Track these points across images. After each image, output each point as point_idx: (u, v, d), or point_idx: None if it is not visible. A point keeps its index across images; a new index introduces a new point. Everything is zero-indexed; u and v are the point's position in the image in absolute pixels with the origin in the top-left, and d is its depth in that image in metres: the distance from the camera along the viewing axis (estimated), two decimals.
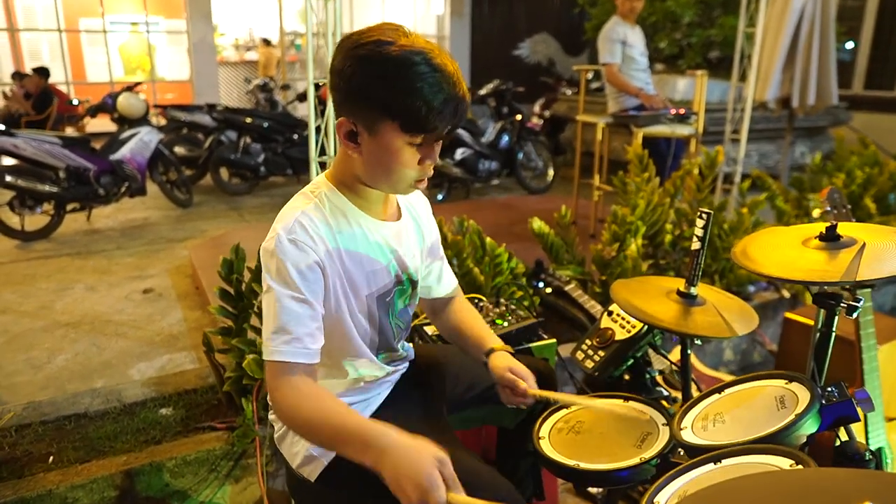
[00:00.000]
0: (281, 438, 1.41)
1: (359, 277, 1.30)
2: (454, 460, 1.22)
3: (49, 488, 1.80)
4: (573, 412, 1.49)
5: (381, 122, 1.16)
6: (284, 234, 1.19)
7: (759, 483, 0.79)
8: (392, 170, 1.21)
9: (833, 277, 1.10)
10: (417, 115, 1.13)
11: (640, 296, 1.53)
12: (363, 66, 1.14)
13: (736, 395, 1.24)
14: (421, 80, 1.11)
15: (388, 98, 1.13)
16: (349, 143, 1.22)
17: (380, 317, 1.37)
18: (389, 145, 1.18)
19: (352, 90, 1.17)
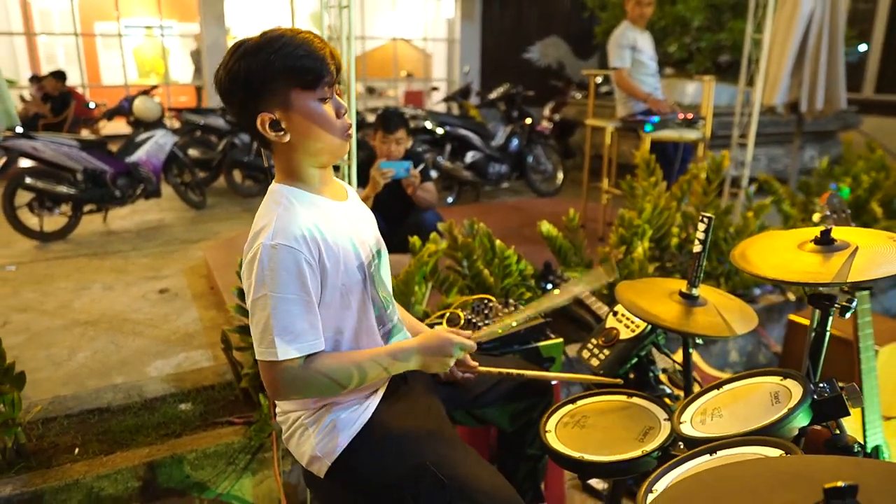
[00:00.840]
0: (289, 438, 1.48)
1: (347, 252, 1.37)
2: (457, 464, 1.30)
3: (76, 478, 1.88)
4: (578, 407, 1.56)
5: (286, 95, 1.30)
6: (268, 241, 1.26)
7: (746, 468, 0.85)
8: (321, 128, 1.33)
9: (825, 279, 1.16)
10: (306, 69, 1.28)
11: (644, 296, 1.59)
12: (247, 59, 1.30)
13: (734, 391, 1.30)
14: (292, 46, 1.28)
15: (279, 71, 1.28)
16: (276, 132, 1.32)
17: (370, 286, 1.43)
18: (306, 109, 1.31)
19: (251, 83, 1.30)
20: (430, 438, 1.40)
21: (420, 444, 1.37)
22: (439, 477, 1.30)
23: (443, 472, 1.30)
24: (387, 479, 1.36)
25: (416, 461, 1.33)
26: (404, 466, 1.34)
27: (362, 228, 1.47)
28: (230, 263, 4.16)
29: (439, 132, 6.44)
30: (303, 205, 1.35)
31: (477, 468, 1.35)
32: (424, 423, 1.44)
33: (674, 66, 7.81)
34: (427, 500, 1.30)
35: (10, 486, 1.83)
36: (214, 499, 2.10)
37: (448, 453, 1.37)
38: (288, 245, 1.26)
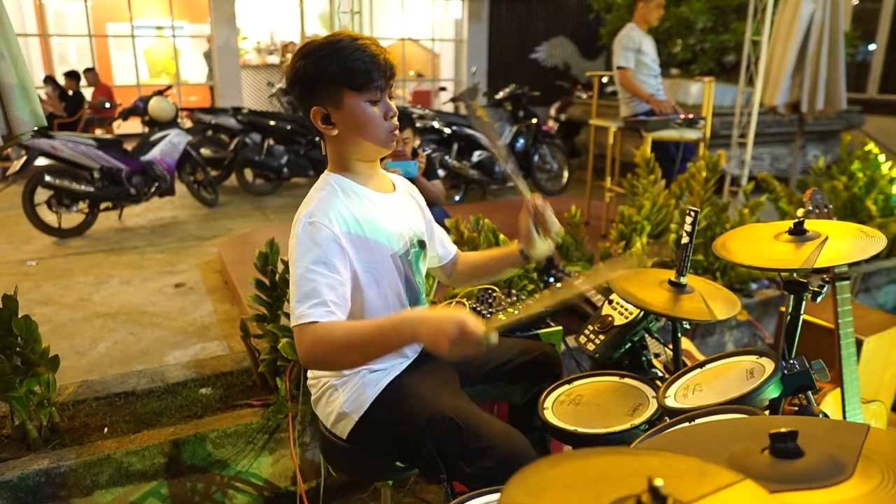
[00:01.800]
0: (317, 401, 1.62)
1: (381, 240, 1.52)
2: (472, 415, 1.43)
3: (107, 453, 2.02)
4: (574, 388, 1.68)
5: (339, 95, 1.43)
6: (306, 219, 1.43)
7: (712, 427, 0.97)
8: (367, 127, 1.46)
9: (794, 265, 1.27)
10: (358, 71, 1.41)
11: (636, 285, 1.71)
12: (308, 59, 1.44)
13: (714, 369, 1.42)
14: (349, 50, 1.41)
15: (336, 71, 1.41)
16: (327, 125, 1.47)
17: (406, 273, 1.59)
18: (354, 109, 1.44)
19: (308, 81, 1.45)
20: (448, 395, 1.55)
21: (439, 399, 1.51)
22: (457, 422, 1.42)
23: (459, 418, 1.43)
24: (409, 428, 1.49)
25: (435, 411, 1.47)
26: (425, 416, 1.47)
27: (404, 220, 1.61)
28: (244, 259, 4.31)
29: (447, 132, 6.57)
30: (345, 192, 1.51)
31: (488, 419, 1.48)
32: (443, 386, 1.59)
33: (678, 67, 7.91)
34: (446, 443, 1.42)
35: (46, 459, 1.97)
36: (234, 476, 2.23)
37: (464, 406, 1.51)
38: (321, 223, 1.41)
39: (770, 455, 0.81)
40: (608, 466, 0.74)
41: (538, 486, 0.70)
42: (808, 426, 0.89)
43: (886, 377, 2.64)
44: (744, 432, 0.92)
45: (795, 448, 0.80)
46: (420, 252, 1.66)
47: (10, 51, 2.64)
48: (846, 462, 0.78)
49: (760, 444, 0.85)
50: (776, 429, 0.82)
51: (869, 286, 3.89)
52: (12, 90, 2.66)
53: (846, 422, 1.16)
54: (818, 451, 0.81)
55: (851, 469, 0.77)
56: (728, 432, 0.93)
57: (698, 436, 0.94)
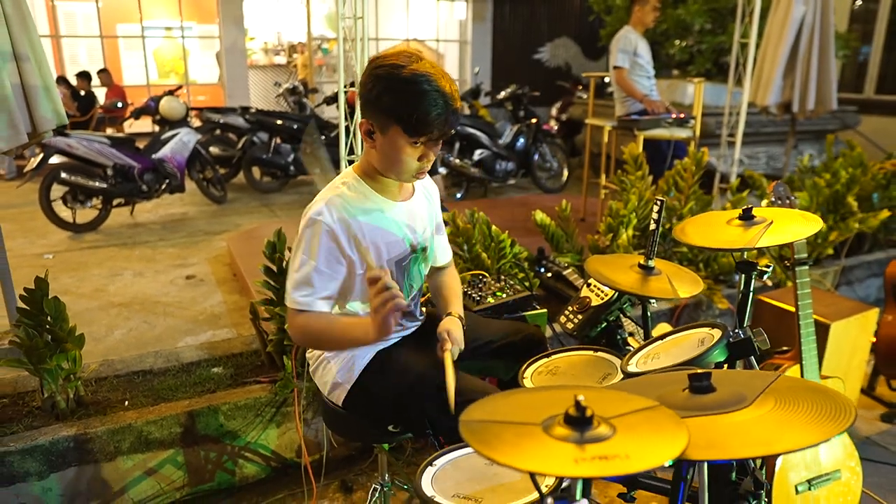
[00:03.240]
0: (315, 371, 1.80)
1: (380, 246, 1.67)
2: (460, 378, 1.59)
3: (129, 423, 2.21)
4: (552, 360, 1.86)
5: (389, 126, 1.52)
6: (315, 214, 1.57)
7: (655, 377, 1.15)
8: (397, 162, 1.57)
9: (738, 245, 1.45)
10: (416, 123, 1.48)
11: (609, 267, 1.88)
12: (379, 81, 1.50)
13: (672, 340, 1.59)
14: (422, 96, 1.46)
15: (395, 108, 1.49)
16: (367, 138, 1.59)
17: (397, 278, 1.74)
18: (395, 143, 1.54)
19: (370, 99, 1.52)
20: (431, 361, 1.68)
21: (422, 362, 1.68)
22: (437, 381, 1.56)
23: (440, 377, 1.57)
24: (396, 391, 1.66)
25: (418, 372, 1.65)
26: (409, 377, 1.65)
27: (411, 228, 1.74)
28: (251, 252, 4.50)
29: None
30: (359, 195, 1.64)
31: (470, 377, 1.66)
32: (427, 354, 1.73)
33: (676, 68, 8.06)
34: (428, 401, 1.59)
35: (74, 427, 2.17)
36: (244, 446, 2.42)
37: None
38: (326, 222, 1.56)
39: (689, 392, 0.99)
40: (549, 397, 0.92)
41: (492, 408, 0.88)
42: (727, 375, 1.07)
43: (854, 362, 2.81)
44: (675, 380, 1.10)
45: (708, 385, 0.97)
46: (419, 257, 1.79)
47: (34, 53, 2.84)
48: (749, 396, 0.96)
49: (684, 386, 1.02)
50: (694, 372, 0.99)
51: (851, 279, 4.04)
52: (37, 90, 2.86)
53: (760, 371, 1.33)
54: (728, 390, 0.99)
55: (752, 400, 0.94)
56: (663, 381, 1.11)
57: (638, 383, 1.12)
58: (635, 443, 0.76)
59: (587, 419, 0.77)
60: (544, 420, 0.81)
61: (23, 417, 2.26)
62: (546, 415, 0.83)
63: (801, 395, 0.93)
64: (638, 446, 0.75)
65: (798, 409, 0.89)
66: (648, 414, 0.85)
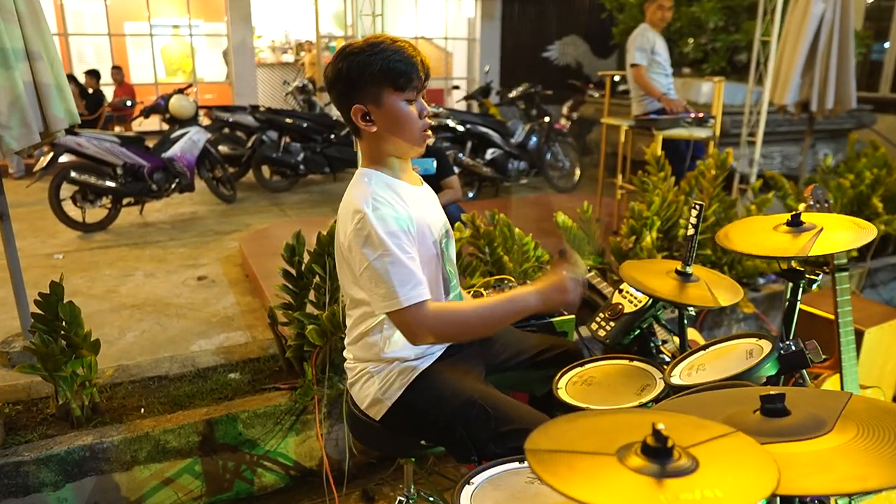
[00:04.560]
0: (353, 383, 1.74)
1: (425, 229, 1.62)
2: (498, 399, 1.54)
3: (146, 431, 2.15)
4: (586, 370, 1.79)
5: (379, 93, 1.53)
6: (370, 211, 1.50)
7: (710, 395, 1.08)
8: (403, 124, 1.57)
9: (790, 253, 1.38)
10: (400, 72, 1.52)
11: (645, 274, 1.82)
12: (355, 58, 1.53)
13: (717, 350, 1.53)
14: (390, 52, 1.52)
15: (376, 71, 1.51)
16: (366, 122, 1.56)
17: (441, 260, 1.70)
18: (393, 107, 1.54)
19: (353, 80, 1.54)
20: (475, 383, 1.66)
21: (467, 386, 1.63)
22: (485, 407, 1.55)
23: (488, 404, 1.56)
24: (440, 413, 1.61)
25: (465, 397, 1.59)
26: (455, 402, 1.60)
27: (434, 211, 1.73)
28: (263, 253, 4.45)
29: (460, 130, 6.68)
30: (387, 185, 1.60)
31: (517, 404, 1.61)
32: (470, 375, 1.71)
33: (689, 66, 7.97)
34: (475, 426, 1.55)
35: (90, 436, 2.11)
36: (263, 455, 2.36)
37: (490, 392, 1.64)
38: (387, 211, 1.51)
39: (760, 414, 0.92)
40: (618, 421, 0.86)
41: (558, 435, 0.81)
42: (796, 393, 1.00)
43: (888, 367, 2.73)
44: (739, 398, 1.03)
45: (783, 408, 0.91)
46: (448, 240, 1.77)
47: (47, 52, 2.78)
48: (827, 420, 0.89)
49: (753, 406, 0.96)
50: (765, 391, 0.93)
51: (875, 282, 3.97)
52: (49, 89, 2.81)
53: (830, 390, 1.27)
54: (803, 412, 0.92)
55: (831, 425, 0.88)
56: (725, 399, 1.04)
57: (697, 402, 1.06)
58: (722, 478, 0.70)
59: (667, 450, 0.71)
60: (619, 449, 0.75)
61: (37, 425, 2.21)
62: (619, 442, 0.77)
63: (882, 421, 0.87)
64: (726, 483, 0.69)
65: (884, 437, 0.83)
66: (727, 442, 0.78)
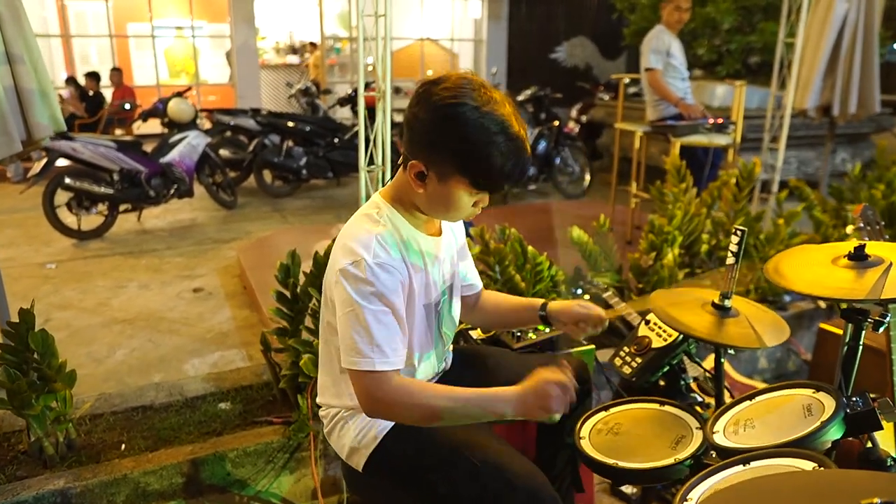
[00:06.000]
0: (330, 432, 1.54)
1: (418, 289, 1.42)
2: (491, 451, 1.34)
3: (124, 473, 1.96)
4: (611, 415, 1.59)
5: (452, 175, 1.29)
6: (371, 259, 1.30)
7: (781, 481, 0.88)
8: (451, 210, 1.37)
9: (859, 295, 1.18)
10: (488, 178, 1.28)
11: (678, 306, 1.62)
12: (444, 124, 1.25)
13: (766, 402, 1.33)
14: (497, 150, 1.24)
15: (465, 160, 1.26)
16: (417, 181, 1.34)
17: (431, 324, 1.50)
18: (453, 194, 1.32)
19: (431, 142, 1.29)
20: (464, 430, 1.44)
21: (454, 434, 1.42)
22: (473, 462, 1.34)
23: (476, 457, 1.35)
24: (422, 465, 1.41)
25: (450, 448, 1.39)
26: (439, 453, 1.39)
27: (442, 265, 1.51)
28: (262, 264, 4.26)
29: None
30: (400, 234, 1.40)
31: (509, 456, 1.40)
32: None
33: (703, 68, 7.76)
34: (461, 484, 1.35)
35: (62, 479, 1.92)
36: (254, 496, 2.17)
37: (481, 441, 1.42)
38: (390, 265, 1.32)
39: None
40: None
41: None
42: None
43: None
44: (820, 491, 0.83)
45: None
46: (450, 299, 1.57)
47: (30, 55, 2.60)
48: None
49: None
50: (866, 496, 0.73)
51: None
52: (32, 95, 2.63)
53: None
54: None
55: None
56: (802, 490, 0.84)
57: (767, 493, 0.86)
58: None
59: None
60: None
61: (7, 464, 2.02)
62: None
63: None
64: None
65: None
66: None
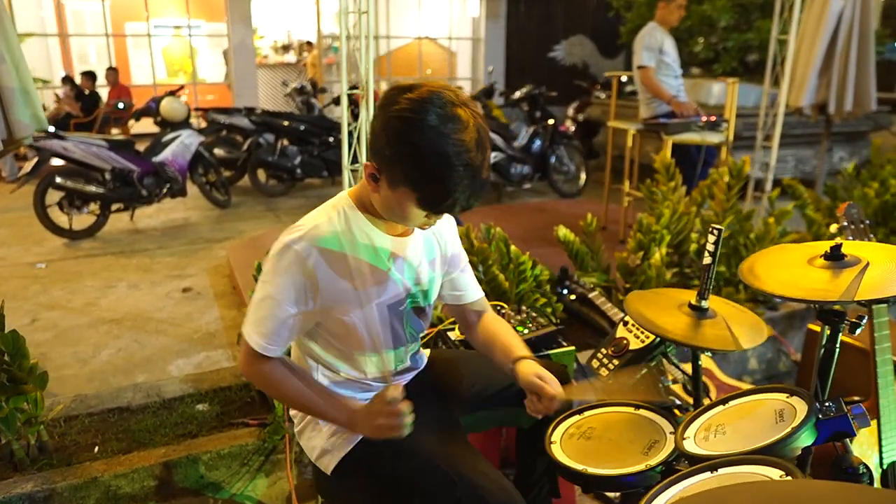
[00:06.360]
0: (301, 431, 1.51)
1: (370, 288, 1.38)
2: (466, 465, 1.31)
3: (94, 476, 1.93)
4: (585, 418, 1.55)
5: (401, 186, 1.24)
6: (292, 242, 1.30)
7: (745, 491, 0.84)
8: (401, 218, 1.34)
9: (832, 297, 1.14)
10: (438, 201, 1.24)
11: (653, 308, 1.58)
12: (400, 138, 1.20)
13: (739, 407, 1.29)
14: (449, 178, 1.19)
15: (416, 180, 1.22)
16: (371, 182, 1.30)
17: (393, 324, 1.45)
18: (402, 204, 1.27)
19: (386, 153, 1.23)
20: (440, 440, 1.42)
21: (431, 444, 1.38)
22: (450, 476, 1.31)
23: (452, 470, 1.32)
24: (396, 474, 1.38)
25: (427, 458, 1.36)
26: (414, 463, 1.36)
27: (409, 266, 1.46)
28: (252, 264, 4.19)
29: None
30: (351, 228, 1.36)
31: (485, 469, 1.36)
32: (436, 427, 1.46)
33: (700, 66, 7.71)
34: (437, 496, 1.32)
35: (31, 482, 1.89)
36: (228, 499, 2.14)
37: (457, 453, 1.38)
38: (304, 254, 1.29)
39: None
40: None
41: None
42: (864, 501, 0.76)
43: None
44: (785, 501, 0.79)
45: None
46: (419, 300, 1.50)
47: (11, 54, 2.58)
48: None
49: None
50: None
51: None
52: (13, 93, 2.60)
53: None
54: None
55: None
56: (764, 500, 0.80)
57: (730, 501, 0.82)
58: None
59: None
60: None
61: None
62: None
63: None
64: None
65: None
66: None
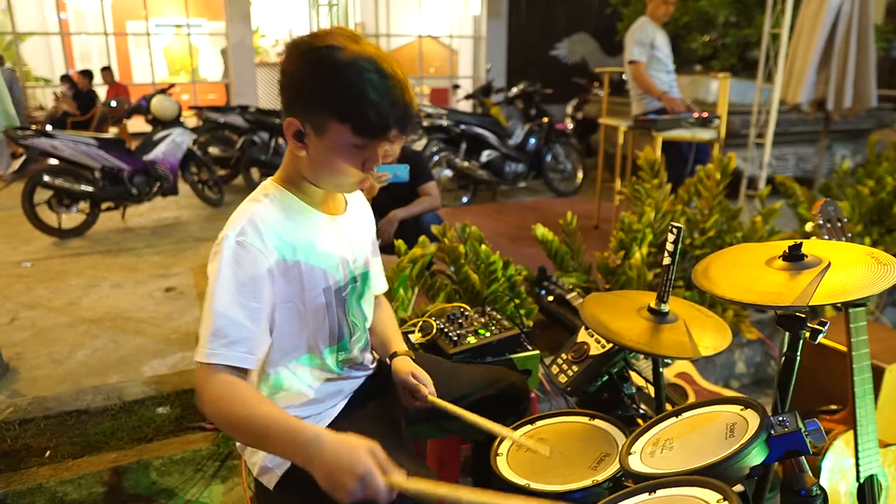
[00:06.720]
0: (244, 447, 1.43)
1: (315, 272, 1.30)
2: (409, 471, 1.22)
3: (40, 482, 1.87)
4: (537, 428, 1.47)
5: (329, 125, 1.19)
6: (234, 236, 1.19)
7: None
8: (337, 170, 1.24)
9: (786, 301, 1.05)
10: (367, 119, 1.17)
11: (611, 311, 1.49)
12: (315, 70, 1.18)
13: (692, 419, 1.20)
14: (371, 87, 1.15)
15: (340, 103, 1.16)
16: (297, 142, 1.24)
17: (337, 312, 1.37)
18: (335, 147, 1.21)
19: (303, 93, 1.19)
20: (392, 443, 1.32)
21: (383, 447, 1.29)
22: None
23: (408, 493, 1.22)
24: None
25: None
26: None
27: (349, 248, 1.39)
28: None
29: (454, 130, 6.35)
30: (285, 210, 1.28)
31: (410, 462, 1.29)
32: (383, 437, 1.37)
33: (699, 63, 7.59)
34: None
35: None
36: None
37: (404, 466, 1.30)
38: (253, 245, 1.20)
39: None
40: None
41: None
42: None
43: None
44: None
45: None
46: (360, 289, 1.44)
47: None
48: None
49: None
50: None
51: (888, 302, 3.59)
52: None
53: None
54: None
55: None
56: None
57: None
58: None
59: None
60: None
61: None
62: None
63: None
64: None
65: None
66: None
